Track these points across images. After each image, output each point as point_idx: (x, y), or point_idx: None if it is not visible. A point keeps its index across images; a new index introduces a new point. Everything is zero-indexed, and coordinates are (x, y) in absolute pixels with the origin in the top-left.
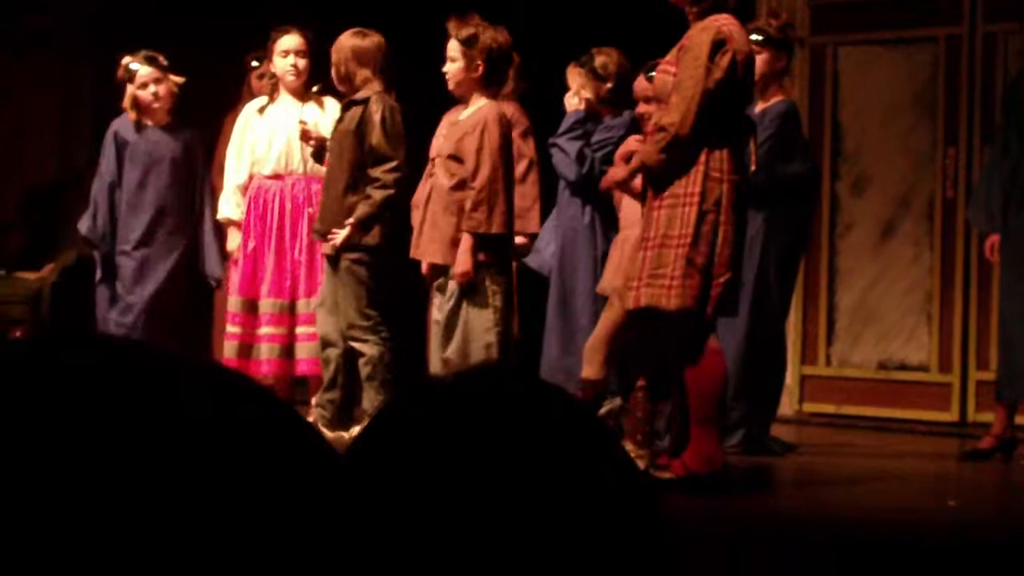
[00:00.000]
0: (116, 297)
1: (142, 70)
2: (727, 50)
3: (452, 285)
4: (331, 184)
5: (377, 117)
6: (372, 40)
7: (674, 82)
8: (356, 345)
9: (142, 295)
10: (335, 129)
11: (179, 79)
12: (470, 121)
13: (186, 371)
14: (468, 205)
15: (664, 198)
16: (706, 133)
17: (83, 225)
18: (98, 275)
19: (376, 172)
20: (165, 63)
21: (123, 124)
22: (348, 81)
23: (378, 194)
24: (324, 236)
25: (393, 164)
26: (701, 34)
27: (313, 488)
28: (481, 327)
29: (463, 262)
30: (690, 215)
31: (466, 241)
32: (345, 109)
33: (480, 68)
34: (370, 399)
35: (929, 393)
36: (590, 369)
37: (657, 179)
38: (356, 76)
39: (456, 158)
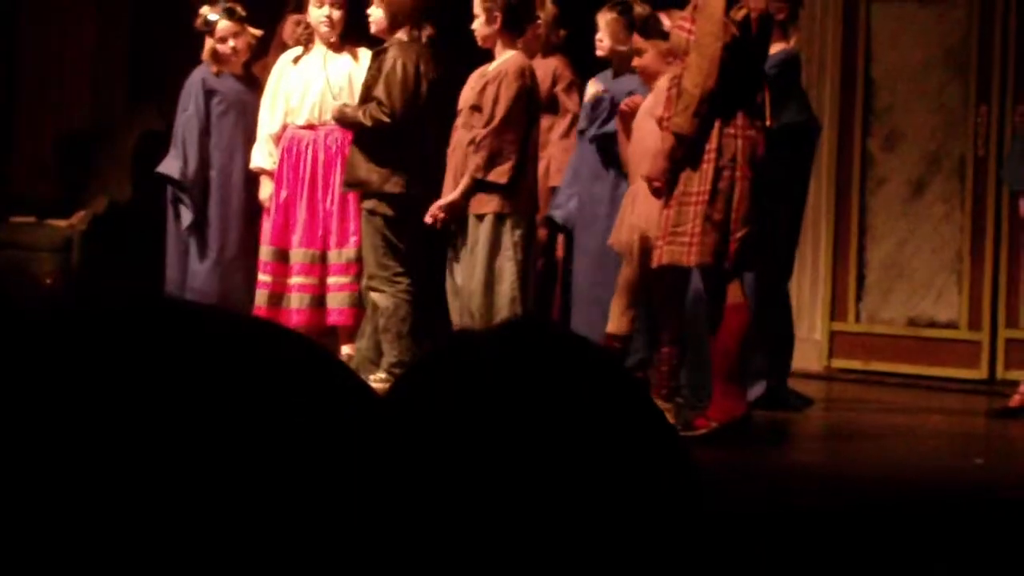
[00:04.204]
0: (200, 247)
1: (221, 23)
2: (742, 6)
3: (480, 235)
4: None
5: (387, 66)
6: None
7: (692, 41)
8: (373, 295)
9: (237, 244)
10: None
11: (257, 32)
12: (492, 72)
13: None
14: (471, 149)
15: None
16: (721, 90)
17: (172, 167)
18: (189, 220)
19: (371, 109)
20: (243, 14)
21: (207, 73)
22: (389, 32)
23: (364, 118)
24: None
25: (385, 108)
26: None
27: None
28: (505, 281)
29: (451, 196)
30: (708, 171)
31: (465, 181)
32: (374, 59)
33: (499, 20)
34: (385, 351)
35: (958, 350)
36: (612, 324)
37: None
38: (397, 28)
39: (477, 108)
